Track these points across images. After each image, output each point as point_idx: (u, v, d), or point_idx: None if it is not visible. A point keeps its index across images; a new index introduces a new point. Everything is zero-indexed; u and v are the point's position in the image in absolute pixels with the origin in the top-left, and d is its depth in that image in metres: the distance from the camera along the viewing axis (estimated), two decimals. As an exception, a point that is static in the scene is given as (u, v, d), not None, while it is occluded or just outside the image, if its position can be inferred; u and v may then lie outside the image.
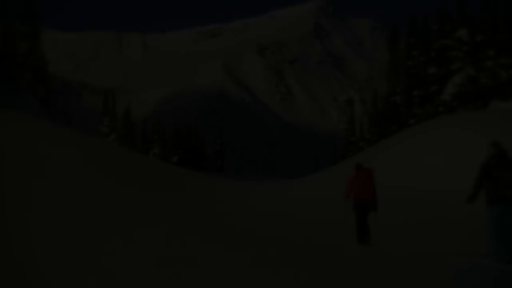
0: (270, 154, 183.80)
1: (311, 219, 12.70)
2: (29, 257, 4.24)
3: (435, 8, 37.25)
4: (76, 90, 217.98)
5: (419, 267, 5.70)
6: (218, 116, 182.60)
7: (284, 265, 5.02)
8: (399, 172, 17.33)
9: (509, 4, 31.72)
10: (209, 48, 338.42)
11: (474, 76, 30.82)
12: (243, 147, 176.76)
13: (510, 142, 6.91)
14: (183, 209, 12.99)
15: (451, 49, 31.41)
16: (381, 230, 9.33)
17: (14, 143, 14.04)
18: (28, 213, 6.94)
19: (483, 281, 4.83)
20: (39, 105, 33.89)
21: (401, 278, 4.99)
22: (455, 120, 21.38)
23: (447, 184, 14.65)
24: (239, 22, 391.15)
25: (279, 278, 4.44)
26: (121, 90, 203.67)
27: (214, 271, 4.48)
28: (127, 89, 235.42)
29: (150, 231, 7.10)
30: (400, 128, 35.41)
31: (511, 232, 5.67)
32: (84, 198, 10.13)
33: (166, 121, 70.51)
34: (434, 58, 33.22)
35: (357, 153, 41.17)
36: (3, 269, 3.88)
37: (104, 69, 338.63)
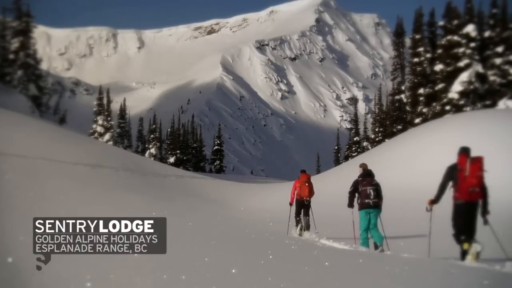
0: (271, 154, 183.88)
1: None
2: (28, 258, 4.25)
3: (441, 3, 37.27)
4: (69, 88, 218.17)
5: (418, 267, 5.72)
6: (217, 114, 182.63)
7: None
8: (404, 173, 17.33)
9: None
10: (207, 45, 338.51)
11: (482, 73, 30.81)
12: (243, 147, 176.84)
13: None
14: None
15: (458, 46, 31.39)
16: (387, 231, 9.33)
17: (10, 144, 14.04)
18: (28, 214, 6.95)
19: (480, 283, 4.84)
20: (31, 103, 33.88)
21: (396, 278, 5.00)
22: (462, 119, 21.37)
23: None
24: (238, 17, 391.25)
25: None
26: (116, 88, 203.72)
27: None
28: (122, 87, 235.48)
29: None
30: (405, 128, 35.43)
31: (373, 228, 8.06)
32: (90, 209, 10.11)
33: (163, 120, 70.58)
34: (441, 55, 33.21)
35: (361, 154, 41.18)
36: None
37: (98, 67, 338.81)
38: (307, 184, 10.84)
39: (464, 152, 6.73)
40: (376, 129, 46.31)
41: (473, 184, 6.47)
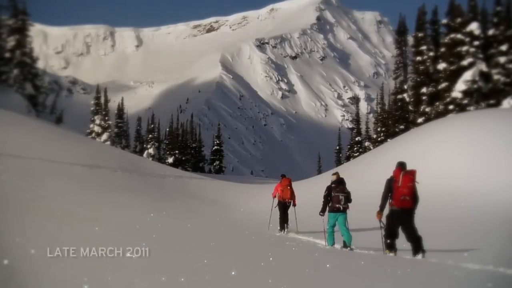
0: (271, 154, 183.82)
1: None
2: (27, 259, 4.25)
3: (445, 1, 37.21)
4: (66, 87, 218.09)
5: (421, 269, 5.72)
6: (217, 114, 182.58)
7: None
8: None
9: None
10: (206, 43, 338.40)
11: (486, 72, 30.79)
12: (242, 147, 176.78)
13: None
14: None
15: (462, 44, 31.37)
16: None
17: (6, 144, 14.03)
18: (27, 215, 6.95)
19: (484, 285, 4.85)
20: (28, 103, 33.86)
21: (398, 280, 5.00)
22: (466, 119, 21.37)
23: (458, 185, 14.64)
24: (238, 15, 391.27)
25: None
26: (114, 87, 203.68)
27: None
28: (120, 86, 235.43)
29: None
30: (408, 127, 35.40)
31: (343, 228, 9.10)
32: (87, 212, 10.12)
33: (161, 120, 70.53)
34: (444, 54, 33.19)
35: (362, 154, 41.17)
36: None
37: (96, 65, 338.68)
38: (288, 188, 12.35)
39: (400, 166, 7.69)
40: (378, 129, 46.26)
41: (404, 193, 7.43)
